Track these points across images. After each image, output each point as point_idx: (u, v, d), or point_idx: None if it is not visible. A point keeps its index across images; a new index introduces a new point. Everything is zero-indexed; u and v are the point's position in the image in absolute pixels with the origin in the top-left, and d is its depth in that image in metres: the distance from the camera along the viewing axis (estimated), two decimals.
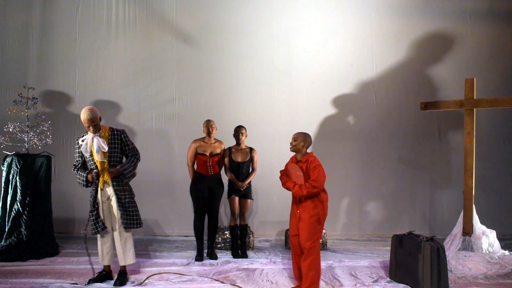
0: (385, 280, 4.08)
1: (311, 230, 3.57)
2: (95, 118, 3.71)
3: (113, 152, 3.82)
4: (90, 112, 3.69)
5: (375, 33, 6.02)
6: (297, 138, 3.69)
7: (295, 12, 6.04)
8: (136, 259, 4.02)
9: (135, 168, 3.91)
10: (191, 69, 6.03)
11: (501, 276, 4.19)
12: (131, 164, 3.87)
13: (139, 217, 3.93)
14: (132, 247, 3.93)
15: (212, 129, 4.79)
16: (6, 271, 4.25)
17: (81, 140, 3.82)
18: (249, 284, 3.95)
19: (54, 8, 6.05)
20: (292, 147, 3.71)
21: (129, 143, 3.92)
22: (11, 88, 5.90)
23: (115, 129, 3.90)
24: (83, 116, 3.69)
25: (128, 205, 3.85)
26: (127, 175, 3.83)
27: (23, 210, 4.74)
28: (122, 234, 3.86)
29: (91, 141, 3.75)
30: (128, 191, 3.89)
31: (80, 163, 3.90)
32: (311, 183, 3.50)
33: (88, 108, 3.74)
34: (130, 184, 3.96)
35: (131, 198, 3.90)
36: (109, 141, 3.81)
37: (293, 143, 3.70)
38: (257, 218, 5.99)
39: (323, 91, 5.99)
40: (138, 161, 3.96)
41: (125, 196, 3.85)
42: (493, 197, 5.92)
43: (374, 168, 6.00)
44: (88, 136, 3.78)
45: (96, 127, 3.75)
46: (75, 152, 3.92)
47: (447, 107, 4.90)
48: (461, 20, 5.98)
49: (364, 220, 6.00)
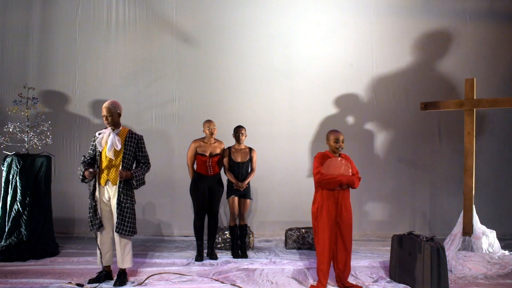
0: (385, 280, 4.08)
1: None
2: (113, 109, 3.78)
3: (127, 154, 3.82)
4: (110, 102, 3.82)
5: (375, 33, 6.02)
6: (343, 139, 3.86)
7: (295, 12, 6.04)
8: (133, 263, 3.98)
9: (144, 177, 3.91)
10: (191, 69, 6.03)
11: (501, 276, 4.18)
12: (143, 172, 3.89)
13: (134, 225, 3.84)
14: (130, 251, 3.90)
15: (214, 130, 4.79)
16: (6, 271, 4.24)
17: (98, 133, 3.85)
18: (249, 284, 3.95)
19: (54, 8, 6.05)
20: (342, 148, 3.84)
21: (143, 150, 3.95)
22: (11, 88, 5.91)
23: (134, 133, 3.93)
24: (104, 104, 3.80)
25: (126, 211, 3.79)
26: (136, 182, 3.82)
27: (23, 210, 4.73)
28: (122, 238, 3.83)
29: (107, 136, 3.79)
30: (130, 197, 3.84)
31: (90, 156, 3.90)
32: (357, 175, 3.81)
33: (111, 100, 3.87)
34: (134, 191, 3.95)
35: (131, 204, 3.85)
36: (125, 142, 3.82)
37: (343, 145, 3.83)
38: (257, 218, 5.99)
39: (323, 91, 6.00)
40: (148, 170, 3.97)
41: (127, 201, 3.80)
42: (493, 197, 5.91)
43: (374, 168, 6.00)
44: (106, 131, 3.82)
45: (112, 121, 3.80)
46: (90, 145, 3.94)
47: (447, 107, 4.89)
48: (461, 20, 5.98)
49: (364, 220, 6.00)
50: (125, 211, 3.79)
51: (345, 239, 3.81)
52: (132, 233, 3.83)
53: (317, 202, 3.82)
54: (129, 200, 3.83)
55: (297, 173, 6.00)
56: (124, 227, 3.77)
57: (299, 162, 6.01)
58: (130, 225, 3.80)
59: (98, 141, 3.80)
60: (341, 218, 3.79)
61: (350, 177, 3.76)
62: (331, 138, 3.83)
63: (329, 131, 3.92)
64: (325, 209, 3.76)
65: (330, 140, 3.85)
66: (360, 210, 6.00)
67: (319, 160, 3.80)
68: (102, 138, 3.80)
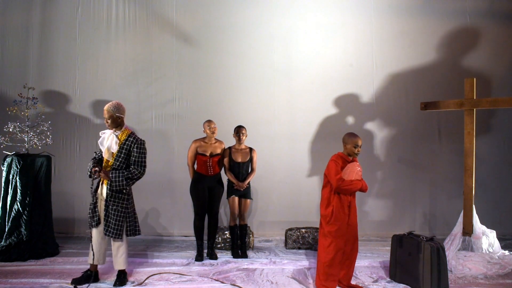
0: (385, 280, 4.08)
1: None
2: (112, 111, 3.75)
3: (119, 155, 3.75)
4: (110, 104, 3.80)
5: (375, 33, 6.02)
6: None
7: (295, 12, 6.04)
8: (127, 265, 3.93)
9: (126, 182, 3.67)
10: (191, 69, 6.03)
11: (501, 276, 4.19)
12: (124, 175, 3.67)
13: (120, 229, 3.70)
14: (124, 254, 3.83)
15: (215, 130, 4.79)
16: (6, 271, 4.24)
17: (101, 132, 3.86)
18: (249, 284, 3.95)
19: (54, 8, 6.05)
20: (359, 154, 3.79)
21: (136, 155, 3.75)
22: (11, 88, 5.91)
23: (135, 137, 3.80)
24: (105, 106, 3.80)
25: (113, 213, 3.70)
26: (113, 184, 3.65)
27: (23, 210, 4.73)
28: (116, 240, 3.79)
29: (108, 136, 3.79)
30: (118, 199, 3.73)
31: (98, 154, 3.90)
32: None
33: (114, 101, 3.84)
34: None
35: (120, 207, 3.72)
36: (121, 144, 3.77)
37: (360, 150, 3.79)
38: (257, 218, 5.99)
39: (323, 91, 6.00)
40: (135, 177, 3.73)
41: (114, 203, 3.71)
42: (493, 197, 5.91)
43: (374, 168, 6.00)
44: (107, 131, 3.82)
45: (112, 123, 3.78)
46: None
47: (447, 107, 4.90)
48: (461, 20, 5.98)
49: (364, 220, 5.99)
50: (112, 213, 3.71)
51: (354, 241, 3.80)
52: (118, 236, 3.70)
53: (331, 205, 3.70)
54: (117, 202, 3.72)
55: (297, 173, 6.00)
56: (111, 229, 3.70)
57: (299, 162, 6.01)
58: (117, 228, 3.69)
59: (100, 141, 3.81)
60: (351, 220, 3.76)
61: (365, 183, 3.81)
62: (350, 142, 3.74)
63: (348, 134, 3.81)
64: (341, 213, 3.69)
65: (348, 143, 3.75)
66: (360, 210, 5.97)
67: (338, 164, 3.69)
68: (104, 138, 3.81)
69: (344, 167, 3.72)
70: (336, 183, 3.64)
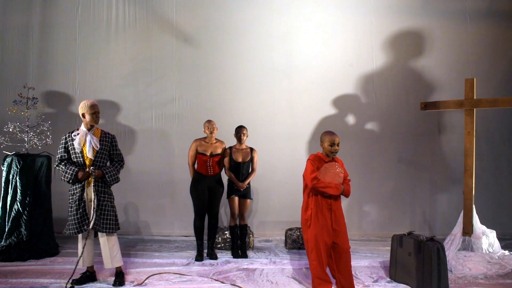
0: (385, 280, 4.08)
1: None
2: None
3: (101, 153, 3.85)
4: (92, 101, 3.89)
5: (375, 33, 6.02)
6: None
7: (295, 12, 6.04)
8: (123, 262, 3.95)
9: (118, 173, 3.91)
10: (191, 69, 6.03)
11: (501, 276, 4.18)
12: (115, 169, 3.89)
13: (114, 222, 3.82)
14: (118, 250, 3.88)
15: (214, 130, 4.79)
16: (6, 271, 4.24)
17: (74, 134, 3.82)
18: (249, 284, 3.95)
19: (54, 8, 6.05)
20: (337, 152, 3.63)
21: (117, 149, 3.98)
22: (11, 88, 5.91)
23: (108, 132, 3.98)
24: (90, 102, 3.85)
25: (105, 208, 3.78)
26: (109, 179, 3.81)
27: (23, 210, 4.74)
28: (110, 238, 3.81)
29: (85, 137, 3.79)
30: (108, 194, 3.84)
31: (66, 158, 3.85)
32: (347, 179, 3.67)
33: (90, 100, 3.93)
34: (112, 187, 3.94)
35: (109, 201, 3.84)
36: (100, 142, 3.85)
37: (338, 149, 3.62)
38: (257, 218, 5.99)
39: (323, 91, 6.00)
40: (122, 168, 3.99)
41: (105, 198, 3.80)
42: (493, 197, 5.91)
43: (374, 168, 6.00)
44: (82, 132, 3.81)
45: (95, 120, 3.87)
46: (60, 148, 3.86)
47: (447, 107, 4.90)
48: (461, 20, 5.98)
49: (364, 220, 6.00)
50: (106, 209, 3.79)
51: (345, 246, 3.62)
52: (112, 230, 3.81)
53: (309, 208, 3.60)
54: (107, 197, 3.83)
55: (297, 173, 5.95)
56: (108, 225, 3.78)
57: (299, 162, 5.97)
58: (112, 222, 3.81)
59: (77, 141, 3.78)
60: (338, 225, 3.60)
61: (346, 186, 3.63)
62: (326, 141, 3.60)
63: (324, 133, 3.69)
64: (320, 216, 3.56)
65: (324, 142, 3.61)
66: (360, 210, 6.01)
67: (314, 164, 3.57)
68: (80, 138, 3.79)
69: (320, 167, 3.58)
70: (310, 183, 3.53)
